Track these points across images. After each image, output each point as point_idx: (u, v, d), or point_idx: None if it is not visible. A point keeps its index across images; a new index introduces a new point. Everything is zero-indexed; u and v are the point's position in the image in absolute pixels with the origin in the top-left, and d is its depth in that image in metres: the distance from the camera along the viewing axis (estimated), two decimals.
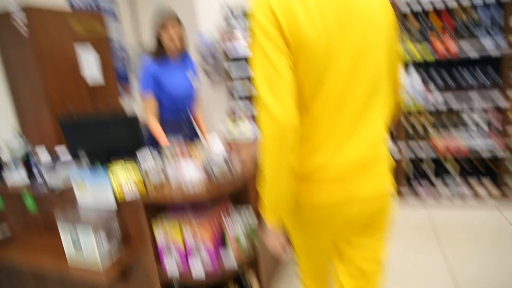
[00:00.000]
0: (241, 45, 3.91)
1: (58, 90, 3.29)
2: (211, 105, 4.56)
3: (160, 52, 2.36)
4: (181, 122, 2.53)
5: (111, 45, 4.15)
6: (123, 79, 4.84)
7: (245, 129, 2.67)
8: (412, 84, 3.22)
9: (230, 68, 4.08)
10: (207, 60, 4.18)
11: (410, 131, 3.35)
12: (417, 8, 3.07)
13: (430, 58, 3.13)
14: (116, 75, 4.11)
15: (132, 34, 5.27)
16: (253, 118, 4.01)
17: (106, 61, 3.86)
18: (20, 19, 3.06)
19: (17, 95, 3.35)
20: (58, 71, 3.31)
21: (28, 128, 3.38)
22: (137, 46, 5.34)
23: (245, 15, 3.90)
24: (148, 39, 5.42)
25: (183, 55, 2.48)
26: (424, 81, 3.25)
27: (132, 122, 1.88)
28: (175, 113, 2.49)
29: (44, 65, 3.17)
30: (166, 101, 2.43)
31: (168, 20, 2.28)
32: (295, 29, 0.93)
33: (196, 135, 2.53)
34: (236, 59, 4.10)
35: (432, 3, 3.01)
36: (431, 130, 3.30)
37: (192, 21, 4.39)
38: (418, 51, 3.13)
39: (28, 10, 3.06)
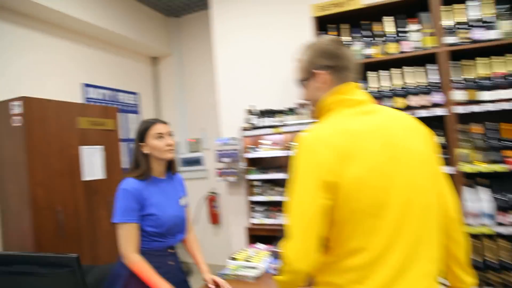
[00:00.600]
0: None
1: (45, 188, 2.85)
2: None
3: (147, 170, 1.81)
4: (165, 255, 1.88)
5: (123, 138, 3.85)
6: None
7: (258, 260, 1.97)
8: (478, 203, 2.48)
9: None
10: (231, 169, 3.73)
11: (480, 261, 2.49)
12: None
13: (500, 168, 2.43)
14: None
15: None
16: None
17: (111, 155, 3.47)
18: (16, 109, 2.78)
19: (2, 192, 2.95)
20: (50, 166, 2.90)
21: (9, 230, 2.90)
22: None
23: (271, 115, 3.50)
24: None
25: (174, 167, 1.98)
26: (496, 198, 2.49)
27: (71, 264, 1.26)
28: (159, 244, 1.85)
29: (32, 158, 2.79)
30: (150, 230, 1.81)
31: (157, 123, 1.83)
32: (346, 171, 0.95)
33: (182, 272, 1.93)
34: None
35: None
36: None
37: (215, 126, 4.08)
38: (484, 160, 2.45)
39: (25, 100, 2.79)
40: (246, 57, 3.87)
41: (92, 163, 3.27)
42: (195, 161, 4.94)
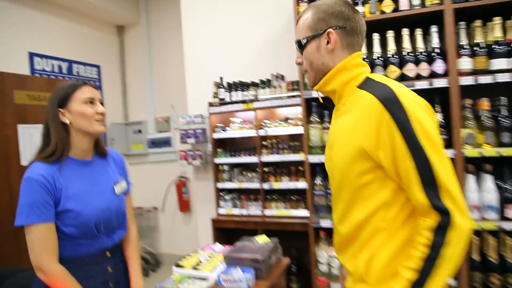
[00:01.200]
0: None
1: None
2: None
3: (61, 147, 1.35)
4: (100, 262, 1.42)
5: None
6: None
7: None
8: (482, 193, 2.06)
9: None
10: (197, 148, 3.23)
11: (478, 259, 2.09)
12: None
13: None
14: None
15: (113, 103, 4.53)
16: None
17: None
18: None
19: None
20: None
21: None
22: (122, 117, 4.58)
23: (243, 89, 2.98)
24: (133, 112, 4.69)
25: (102, 147, 1.52)
26: (501, 188, 2.07)
27: None
28: (89, 248, 1.39)
29: None
30: (70, 231, 1.33)
31: (86, 85, 1.41)
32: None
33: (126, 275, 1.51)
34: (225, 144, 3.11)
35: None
36: None
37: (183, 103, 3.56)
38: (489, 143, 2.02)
39: None
40: (216, 25, 3.32)
41: (33, 145, 2.73)
42: (164, 142, 4.43)
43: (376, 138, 0.94)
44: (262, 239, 1.80)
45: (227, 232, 3.07)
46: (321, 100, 1.31)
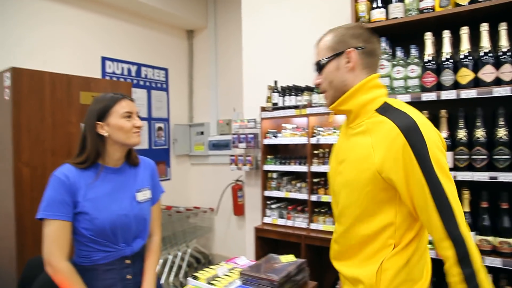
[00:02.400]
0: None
1: (33, 168, 2.54)
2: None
3: (93, 155, 1.40)
4: (119, 269, 1.43)
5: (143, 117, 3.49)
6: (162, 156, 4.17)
7: None
8: None
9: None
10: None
11: None
12: None
13: None
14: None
15: (179, 105, 4.70)
16: None
17: None
18: (7, 81, 2.49)
19: None
20: (40, 144, 2.59)
21: None
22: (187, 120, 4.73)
23: (297, 93, 2.83)
24: (197, 114, 4.83)
25: (134, 157, 1.54)
26: None
27: None
28: (108, 254, 1.41)
29: (19, 134, 2.48)
30: (88, 234, 1.37)
31: (125, 99, 1.45)
32: None
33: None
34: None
35: None
36: None
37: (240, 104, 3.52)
38: None
39: (14, 71, 2.47)
40: (274, 27, 3.21)
41: None
42: (224, 145, 4.44)
43: (394, 163, 0.98)
44: (286, 258, 1.63)
45: (270, 243, 2.92)
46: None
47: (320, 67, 1.15)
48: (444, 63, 1.91)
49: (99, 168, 1.41)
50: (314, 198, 2.64)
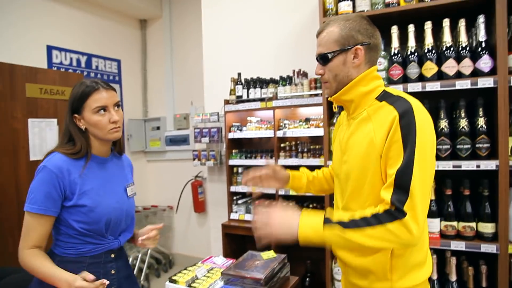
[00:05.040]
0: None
1: None
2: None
3: (85, 146, 1.34)
4: (104, 262, 1.37)
5: None
6: None
7: None
8: None
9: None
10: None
11: None
12: None
13: None
14: None
15: (133, 99, 4.45)
16: None
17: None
18: None
19: None
20: None
21: None
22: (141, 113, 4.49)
23: (261, 86, 2.78)
24: (153, 108, 4.61)
25: (119, 144, 1.51)
26: None
27: None
28: (96, 246, 1.35)
29: None
30: (80, 228, 1.30)
31: (99, 89, 1.32)
32: None
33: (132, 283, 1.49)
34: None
35: None
36: None
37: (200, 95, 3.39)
38: None
39: None
40: (236, 20, 3.13)
41: (44, 140, 2.64)
42: (182, 140, 4.29)
43: (385, 139, 1.03)
44: (267, 255, 1.58)
45: (238, 239, 2.87)
46: (335, 109, 1.43)
47: (325, 59, 1.14)
48: (409, 56, 1.97)
49: (91, 157, 1.35)
50: (282, 192, 2.63)
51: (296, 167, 2.69)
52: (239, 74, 2.89)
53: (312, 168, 2.56)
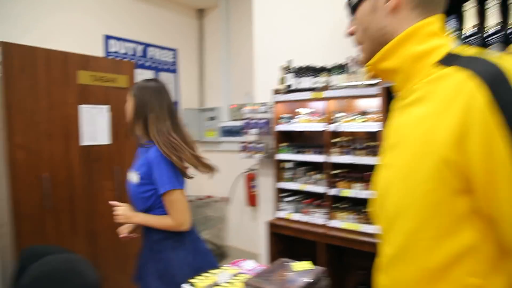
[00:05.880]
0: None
1: (28, 151, 2.38)
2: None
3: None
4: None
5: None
6: None
7: None
8: None
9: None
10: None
11: None
12: None
13: None
14: None
15: (189, 88, 4.46)
16: None
17: (120, 117, 2.89)
18: None
19: None
20: (36, 126, 2.42)
21: None
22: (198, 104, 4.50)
23: (313, 74, 2.55)
24: (209, 98, 4.59)
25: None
26: None
27: None
28: None
29: (12, 116, 2.31)
30: None
31: None
32: None
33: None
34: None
35: None
36: None
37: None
38: None
39: (4, 46, 2.29)
40: (288, 5, 2.90)
41: (95, 126, 2.73)
42: (237, 131, 4.21)
43: (469, 139, 0.56)
44: (301, 266, 1.39)
45: (285, 239, 2.69)
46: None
47: (352, 7, 0.78)
48: (488, 39, 1.60)
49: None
50: (333, 192, 2.39)
51: (351, 166, 2.44)
52: (290, 62, 2.68)
53: (369, 168, 2.30)
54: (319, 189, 2.47)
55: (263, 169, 3.10)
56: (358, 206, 2.39)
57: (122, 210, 1.61)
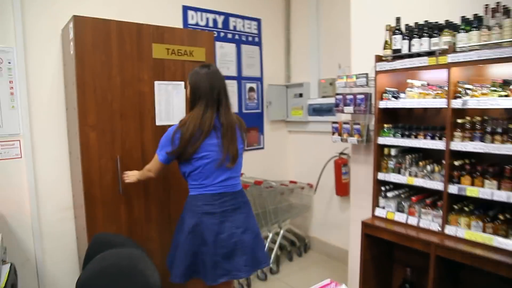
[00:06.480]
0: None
1: (100, 131, 2.26)
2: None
3: None
4: None
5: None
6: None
7: None
8: None
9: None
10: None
11: None
12: None
13: None
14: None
15: (274, 62, 4.04)
16: None
17: None
18: (71, 33, 2.21)
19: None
20: (108, 105, 2.29)
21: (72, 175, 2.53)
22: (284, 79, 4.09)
23: (430, 34, 1.93)
24: (296, 73, 4.14)
25: None
26: None
27: None
28: None
29: (83, 94, 2.20)
30: None
31: None
32: None
33: None
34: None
35: None
36: None
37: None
38: None
39: (76, 20, 2.15)
40: None
41: (170, 104, 2.52)
42: (327, 110, 3.70)
43: None
44: None
45: (382, 244, 2.18)
46: None
47: None
48: None
49: None
50: (453, 189, 1.80)
51: (479, 156, 1.81)
52: (398, 19, 2.08)
53: (509, 160, 1.66)
54: (434, 184, 1.89)
55: (358, 155, 2.58)
56: (489, 210, 1.77)
57: (130, 172, 2.15)
